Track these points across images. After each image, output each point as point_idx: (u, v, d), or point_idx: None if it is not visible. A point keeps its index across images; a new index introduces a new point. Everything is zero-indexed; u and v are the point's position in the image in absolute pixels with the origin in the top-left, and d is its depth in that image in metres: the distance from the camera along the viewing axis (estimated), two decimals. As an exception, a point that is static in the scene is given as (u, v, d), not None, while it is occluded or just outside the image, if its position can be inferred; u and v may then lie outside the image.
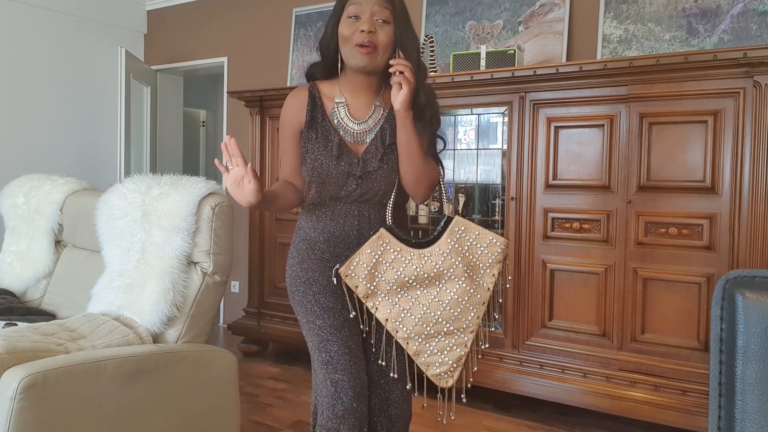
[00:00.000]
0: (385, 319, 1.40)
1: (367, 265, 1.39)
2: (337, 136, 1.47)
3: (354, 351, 1.47)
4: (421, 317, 1.39)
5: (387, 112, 1.50)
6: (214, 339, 4.08)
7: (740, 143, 2.31)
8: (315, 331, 1.49)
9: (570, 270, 2.67)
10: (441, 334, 1.40)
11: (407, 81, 1.34)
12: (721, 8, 2.71)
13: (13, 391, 1.49)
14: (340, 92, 1.50)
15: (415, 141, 1.41)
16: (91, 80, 4.52)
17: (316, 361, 1.50)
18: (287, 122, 1.54)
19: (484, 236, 1.41)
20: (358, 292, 1.40)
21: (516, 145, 2.77)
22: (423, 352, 1.40)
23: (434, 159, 1.51)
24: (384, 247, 1.40)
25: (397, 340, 1.40)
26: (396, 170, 1.47)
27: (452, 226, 1.42)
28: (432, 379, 1.41)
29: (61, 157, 4.26)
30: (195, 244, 1.97)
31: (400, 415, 1.58)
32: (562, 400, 2.64)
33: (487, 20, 3.30)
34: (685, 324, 2.43)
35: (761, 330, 0.65)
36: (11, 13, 4.03)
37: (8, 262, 2.68)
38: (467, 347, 1.41)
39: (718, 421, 0.68)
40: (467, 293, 1.39)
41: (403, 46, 1.41)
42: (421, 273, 1.39)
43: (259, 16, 4.29)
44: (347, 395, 1.44)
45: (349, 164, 1.45)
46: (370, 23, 1.39)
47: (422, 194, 1.49)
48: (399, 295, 1.40)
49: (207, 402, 1.98)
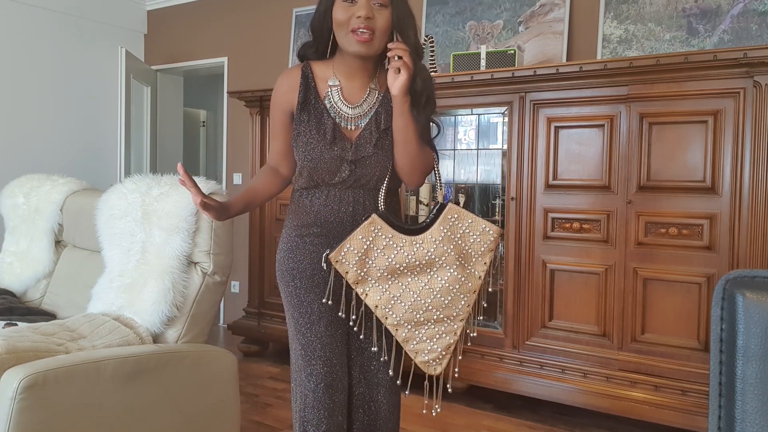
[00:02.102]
0: (375, 305, 1.38)
1: (358, 251, 1.37)
2: (331, 120, 1.42)
3: (328, 345, 1.46)
4: (411, 304, 1.37)
5: (382, 95, 1.44)
6: (214, 339, 4.08)
7: (740, 143, 2.31)
8: (292, 322, 1.50)
9: (570, 270, 2.67)
10: (431, 321, 1.38)
11: (406, 66, 1.29)
12: (721, 8, 2.71)
13: (13, 391, 1.48)
14: (334, 75, 1.44)
15: (412, 127, 1.36)
16: (91, 80, 4.52)
17: (292, 351, 1.51)
18: (278, 103, 1.49)
19: (477, 224, 1.40)
20: (348, 278, 1.38)
21: (516, 145, 2.77)
22: (412, 339, 1.39)
23: (429, 145, 1.46)
24: (376, 233, 1.37)
25: (387, 326, 1.38)
26: (390, 156, 1.42)
27: (445, 213, 1.39)
28: (420, 366, 1.40)
29: (61, 157, 4.26)
30: (195, 244, 1.97)
31: (387, 419, 1.55)
32: (562, 400, 2.64)
33: (487, 20, 3.30)
34: (685, 324, 2.43)
35: (761, 330, 0.65)
36: (11, 13, 4.03)
37: (8, 262, 2.68)
38: (457, 335, 1.39)
39: (718, 421, 0.68)
40: (458, 281, 1.38)
41: (401, 30, 1.35)
42: (412, 260, 1.37)
43: (259, 16, 4.29)
44: (318, 386, 1.45)
45: (342, 149, 1.41)
46: (368, 8, 1.31)
47: (417, 180, 1.46)
48: (389, 282, 1.38)
49: (207, 402, 1.98)
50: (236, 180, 4.32)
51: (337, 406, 1.48)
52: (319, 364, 1.46)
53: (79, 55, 4.44)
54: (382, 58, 1.40)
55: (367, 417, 1.54)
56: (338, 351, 1.48)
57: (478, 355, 2.86)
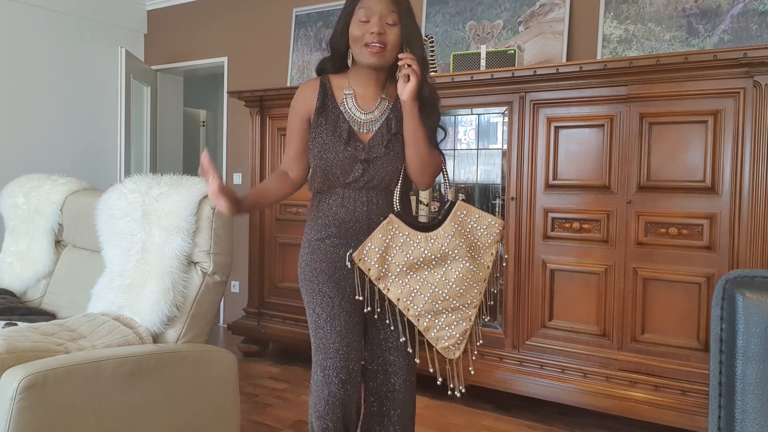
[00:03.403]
0: (397, 298, 1.50)
1: (378, 249, 1.49)
2: (346, 123, 1.56)
3: (347, 341, 1.57)
4: (430, 296, 1.49)
5: (392, 104, 1.60)
6: (214, 339, 4.08)
7: (740, 143, 2.31)
8: (313, 318, 1.61)
9: (570, 270, 2.67)
10: (448, 310, 1.50)
11: (414, 73, 1.46)
12: (721, 8, 2.71)
13: (13, 391, 1.49)
14: (349, 84, 1.60)
15: (421, 131, 1.52)
16: (91, 80, 4.52)
17: (312, 346, 1.62)
18: (297, 109, 1.63)
19: (483, 219, 1.54)
20: (371, 275, 1.49)
21: (516, 145, 2.77)
22: (432, 327, 1.50)
23: (437, 148, 1.60)
24: (394, 231, 1.50)
25: (409, 317, 1.50)
26: (401, 158, 1.56)
27: (455, 210, 1.54)
28: (441, 352, 1.51)
29: (61, 157, 4.26)
30: (195, 244, 1.97)
31: (404, 401, 1.65)
32: (562, 400, 2.64)
33: (487, 20, 3.31)
34: (685, 324, 2.43)
35: (761, 330, 0.65)
36: (11, 13, 4.03)
37: (8, 262, 2.68)
38: (471, 321, 1.52)
39: (718, 421, 0.68)
40: (470, 272, 1.51)
41: (409, 44, 1.52)
42: (428, 255, 1.49)
43: (259, 16, 4.29)
44: (332, 382, 1.55)
45: (355, 149, 1.54)
46: (380, 25, 1.49)
47: (427, 181, 1.60)
48: (408, 276, 1.50)
49: (207, 402, 1.98)
50: (236, 180, 4.32)
51: (351, 398, 1.59)
52: (336, 358, 1.56)
53: (79, 55, 4.44)
54: (392, 72, 1.60)
55: (384, 406, 1.64)
56: (355, 345, 1.59)
57: (478, 355, 2.86)
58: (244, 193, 1.59)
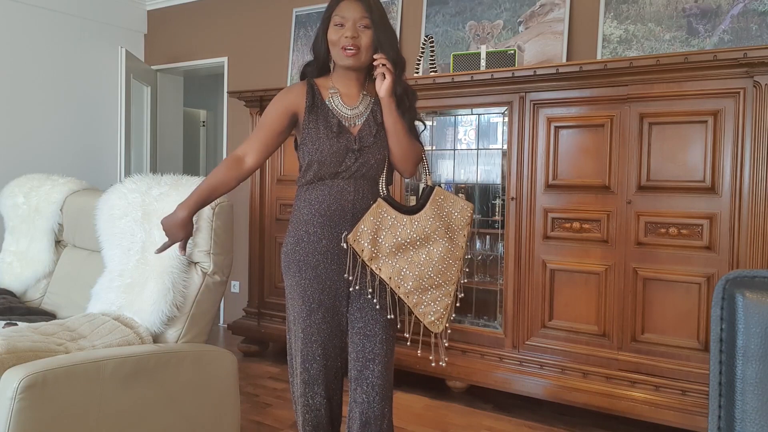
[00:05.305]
0: (389, 277, 1.61)
1: (370, 231, 1.60)
2: (336, 118, 1.67)
3: (325, 331, 1.69)
4: (417, 274, 1.61)
5: (373, 99, 1.72)
6: (214, 339, 4.08)
7: (740, 143, 2.31)
8: (295, 310, 1.72)
9: (570, 270, 2.67)
10: (433, 287, 1.63)
11: (389, 71, 1.60)
12: (721, 8, 2.71)
13: (13, 391, 1.49)
14: (333, 85, 1.72)
15: (400, 123, 1.66)
16: (91, 80, 4.52)
17: (290, 336, 1.76)
18: (282, 101, 1.70)
19: (457, 203, 1.69)
20: (364, 256, 1.60)
21: (516, 145, 2.77)
22: (420, 303, 1.63)
23: (417, 139, 1.73)
24: (383, 214, 1.63)
25: (399, 295, 1.62)
26: (387, 146, 1.69)
27: (434, 195, 1.67)
28: (428, 326, 1.63)
29: (61, 157, 4.26)
30: (195, 244, 1.97)
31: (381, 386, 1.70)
32: (562, 400, 2.64)
33: (487, 20, 3.31)
34: (685, 324, 2.43)
35: (761, 330, 0.65)
36: (11, 13, 4.03)
37: (8, 262, 2.68)
38: (451, 296, 1.64)
39: (718, 421, 0.68)
40: (449, 251, 1.64)
41: (381, 45, 1.64)
42: (414, 236, 1.62)
43: (259, 16, 4.29)
44: (314, 368, 1.69)
45: (347, 140, 1.66)
46: (353, 30, 1.63)
47: (410, 169, 1.73)
48: (397, 257, 1.62)
49: (207, 402, 1.98)
50: (236, 180, 4.31)
51: (332, 387, 1.72)
52: (314, 348, 1.69)
53: (79, 55, 4.44)
54: (371, 72, 1.70)
55: (365, 395, 1.71)
56: (334, 337, 1.71)
57: (478, 355, 2.86)
58: (190, 206, 1.64)
